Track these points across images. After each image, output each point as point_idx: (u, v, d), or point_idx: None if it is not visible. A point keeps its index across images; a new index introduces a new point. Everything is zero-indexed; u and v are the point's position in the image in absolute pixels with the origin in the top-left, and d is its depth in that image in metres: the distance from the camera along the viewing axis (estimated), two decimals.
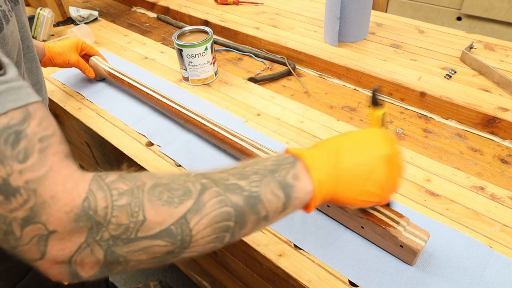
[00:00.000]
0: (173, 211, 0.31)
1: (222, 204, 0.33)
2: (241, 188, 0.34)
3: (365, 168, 0.40)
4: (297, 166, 0.38)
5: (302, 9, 1.22)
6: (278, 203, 0.36)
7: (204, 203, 0.33)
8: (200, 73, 0.91)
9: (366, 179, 0.41)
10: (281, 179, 0.37)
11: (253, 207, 0.35)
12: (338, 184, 0.40)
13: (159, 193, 0.32)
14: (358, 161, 0.40)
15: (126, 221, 0.30)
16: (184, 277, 1.50)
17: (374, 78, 0.87)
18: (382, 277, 0.52)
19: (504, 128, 0.73)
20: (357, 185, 0.40)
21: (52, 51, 0.86)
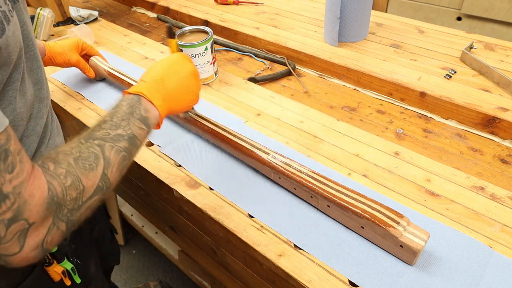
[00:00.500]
0: (96, 173, 0.43)
1: (118, 152, 0.46)
2: (121, 135, 0.47)
3: (183, 85, 0.58)
4: (142, 102, 0.52)
5: (302, 9, 1.22)
6: (144, 132, 0.50)
7: (109, 158, 0.44)
8: (200, 73, 0.91)
9: (186, 92, 0.59)
10: (139, 116, 0.50)
11: (134, 143, 0.48)
12: (170, 101, 0.56)
13: (82, 164, 0.42)
14: (178, 82, 0.57)
15: (74, 194, 0.40)
16: (184, 277, 1.50)
17: (374, 78, 0.87)
18: (382, 277, 0.52)
19: (504, 128, 0.73)
20: (182, 98, 0.59)
21: (53, 51, 0.86)
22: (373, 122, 0.80)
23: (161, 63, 0.59)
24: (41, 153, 0.57)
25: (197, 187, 0.68)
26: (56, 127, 0.64)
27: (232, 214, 0.62)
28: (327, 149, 0.73)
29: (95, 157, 0.43)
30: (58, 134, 0.64)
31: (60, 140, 0.65)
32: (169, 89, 0.56)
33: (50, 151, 0.43)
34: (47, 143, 0.58)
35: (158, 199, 0.82)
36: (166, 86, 0.55)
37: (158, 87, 0.54)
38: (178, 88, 0.57)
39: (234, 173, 0.69)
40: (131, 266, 1.59)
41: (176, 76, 0.57)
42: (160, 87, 0.55)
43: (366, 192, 0.62)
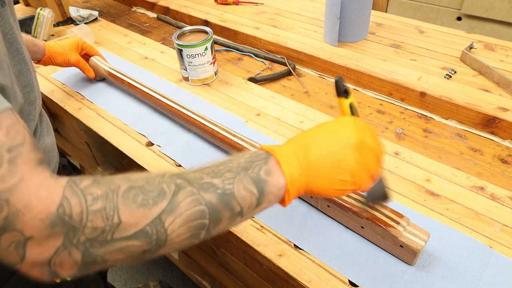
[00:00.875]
0: (147, 213, 0.32)
1: (196, 203, 0.34)
2: (214, 186, 0.35)
3: (334, 157, 0.40)
4: (269, 162, 0.39)
5: (302, 9, 1.22)
6: (252, 198, 0.37)
7: (178, 203, 0.33)
8: (200, 73, 0.91)
9: (336, 168, 0.40)
10: (254, 175, 0.37)
11: (227, 204, 0.36)
12: (309, 176, 0.40)
13: (133, 195, 0.33)
14: (326, 151, 0.41)
15: (101, 224, 0.31)
16: (184, 277, 1.50)
17: (374, 78, 0.87)
18: (382, 277, 0.52)
19: (504, 128, 0.73)
20: (327, 175, 0.40)
21: (52, 51, 0.86)
22: (373, 122, 0.80)
23: (320, 125, 0.44)
24: None
25: None
26: (46, 126, 0.63)
27: None
28: None
29: (159, 194, 0.33)
30: (48, 133, 0.63)
31: (50, 139, 0.63)
32: (312, 158, 0.40)
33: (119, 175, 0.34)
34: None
35: None
36: (309, 152, 0.41)
37: (297, 151, 0.41)
38: (324, 158, 0.40)
39: None
40: (131, 266, 1.59)
41: (328, 142, 0.41)
42: (301, 151, 0.41)
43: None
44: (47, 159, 0.50)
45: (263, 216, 0.61)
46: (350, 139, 0.41)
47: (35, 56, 0.85)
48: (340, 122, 0.44)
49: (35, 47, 0.83)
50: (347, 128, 0.42)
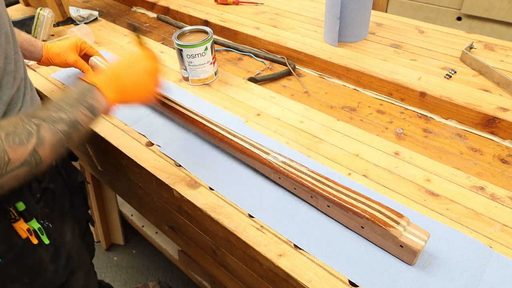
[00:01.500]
0: (25, 148, 0.47)
1: (55, 133, 0.50)
2: (62, 119, 0.51)
3: (139, 81, 0.63)
4: (94, 92, 0.56)
5: (302, 9, 1.22)
6: (89, 119, 0.55)
7: (43, 137, 0.49)
8: (200, 73, 0.91)
9: (141, 89, 0.63)
10: (87, 104, 0.54)
11: (75, 128, 0.53)
12: (122, 95, 0.60)
13: (12, 139, 0.46)
14: (133, 78, 0.62)
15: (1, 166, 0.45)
16: (184, 277, 1.50)
17: (374, 78, 0.87)
18: (382, 277, 0.52)
19: (504, 128, 0.73)
20: (137, 93, 0.63)
21: (50, 52, 0.87)
22: (373, 122, 0.80)
23: (121, 60, 0.64)
24: None
25: (197, 187, 0.68)
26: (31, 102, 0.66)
27: (232, 214, 0.62)
28: (327, 149, 0.73)
29: (28, 134, 0.47)
30: (32, 105, 0.67)
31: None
32: (123, 84, 0.60)
33: None
34: (16, 113, 0.62)
35: (158, 199, 0.82)
36: (120, 81, 0.60)
37: (112, 81, 0.59)
38: (132, 83, 0.62)
39: (234, 173, 0.69)
40: (131, 266, 1.59)
41: (133, 73, 0.62)
42: (115, 81, 0.60)
43: (366, 192, 0.62)
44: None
45: (263, 216, 0.61)
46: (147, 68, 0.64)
47: (33, 56, 0.86)
48: (138, 55, 0.65)
49: (32, 47, 0.84)
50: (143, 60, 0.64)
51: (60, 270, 0.75)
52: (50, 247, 0.71)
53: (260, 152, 0.66)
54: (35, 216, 0.67)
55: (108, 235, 1.66)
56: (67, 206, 0.79)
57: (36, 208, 0.67)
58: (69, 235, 0.77)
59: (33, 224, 0.66)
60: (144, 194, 0.89)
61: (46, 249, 0.70)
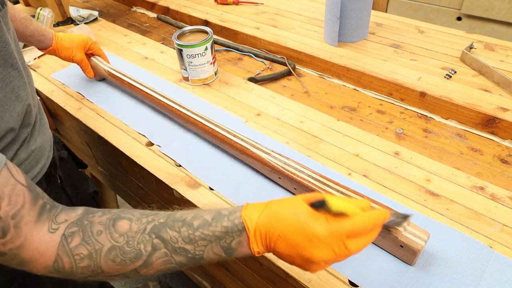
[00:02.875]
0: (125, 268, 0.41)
1: (167, 263, 0.41)
2: (186, 251, 0.41)
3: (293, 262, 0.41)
4: (243, 236, 0.41)
5: (302, 9, 1.22)
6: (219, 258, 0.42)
7: (152, 262, 0.41)
8: (200, 73, 0.91)
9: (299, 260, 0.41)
10: (226, 245, 0.41)
11: (195, 262, 0.42)
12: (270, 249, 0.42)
13: (113, 256, 0.40)
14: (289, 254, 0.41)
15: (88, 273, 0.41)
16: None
17: (374, 78, 0.87)
18: (382, 277, 0.52)
19: (504, 128, 0.73)
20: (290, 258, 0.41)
21: (60, 44, 0.85)
22: (373, 122, 0.80)
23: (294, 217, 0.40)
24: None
25: (197, 187, 0.68)
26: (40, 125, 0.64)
27: None
28: (327, 149, 0.73)
29: (136, 256, 0.40)
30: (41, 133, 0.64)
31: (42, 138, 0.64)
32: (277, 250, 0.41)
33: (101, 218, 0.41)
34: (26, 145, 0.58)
35: (158, 199, 0.82)
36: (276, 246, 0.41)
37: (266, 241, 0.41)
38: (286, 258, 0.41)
39: (234, 173, 0.69)
40: None
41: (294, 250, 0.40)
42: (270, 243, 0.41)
43: (366, 192, 0.62)
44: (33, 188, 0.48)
45: None
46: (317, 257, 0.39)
47: (40, 45, 0.84)
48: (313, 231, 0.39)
49: (42, 37, 0.82)
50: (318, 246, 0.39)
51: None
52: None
53: (260, 152, 0.66)
54: None
55: None
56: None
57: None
58: None
59: None
60: (144, 194, 0.89)
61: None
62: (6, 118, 0.52)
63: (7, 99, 0.52)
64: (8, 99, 0.52)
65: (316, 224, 0.39)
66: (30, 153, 0.59)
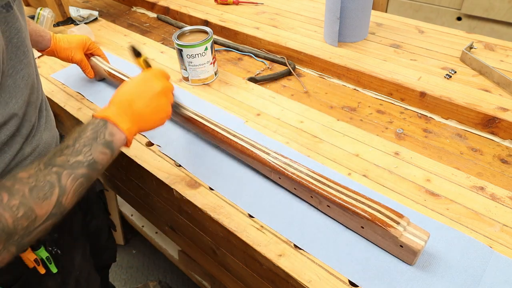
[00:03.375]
0: (50, 202, 0.45)
1: (75, 179, 0.47)
2: (81, 162, 0.48)
3: (152, 106, 0.57)
4: (109, 127, 0.52)
5: (302, 9, 1.22)
6: (107, 156, 0.51)
7: (65, 186, 0.46)
8: (200, 73, 0.91)
9: (155, 113, 0.58)
10: (103, 141, 0.50)
11: (93, 169, 0.49)
12: (139, 122, 0.55)
13: (36, 194, 0.44)
14: (145, 104, 0.56)
15: (26, 223, 0.43)
16: (184, 277, 1.50)
17: (374, 78, 0.87)
18: (382, 277, 0.52)
19: (504, 128, 0.73)
20: (151, 118, 0.57)
21: (58, 45, 0.85)
22: (373, 122, 0.80)
23: (130, 84, 0.58)
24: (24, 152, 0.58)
25: (197, 187, 0.68)
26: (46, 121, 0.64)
27: (232, 214, 0.62)
28: (327, 149, 0.73)
29: (50, 186, 0.45)
30: (47, 129, 0.64)
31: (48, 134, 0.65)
32: (137, 111, 0.55)
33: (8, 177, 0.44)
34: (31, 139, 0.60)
35: (158, 199, 0.82)
36: (133, 108, 0.55)
37: (126, 110, 0.54)
38: (146, 108, 0.56)
39: (234, 173, 0.69)
40: (131, 266, 1.59)
41: (144, 97, 0.56)
42: (128, 110, 0.54)
43: (366, 192, 0.62)
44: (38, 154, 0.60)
45: (263, 216, 0.61)
46: (157, 88, 0.58)
47: (38, 46, 0.84)
48: (145, 77, 0.59)
49: (40, 37, 0.82)
50: (151, 81, 0.58)
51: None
52: (58, 276, 0.69)
53: (260, 152, 0.66)
54: (43, 243, 0.65)
55: None
56: (78, 226, 0.77)
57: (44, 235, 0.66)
58: (78, 259, 0.75)
59: (41, 253, 0.64)
60: (144, 194, 0.89)
61: (53, 278, 0.68)
62: (12, 104, 0.52)
63: (16, 86, 0.53)
64: (17, 86, 0.53)
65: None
66: (35, 148, 0.60)
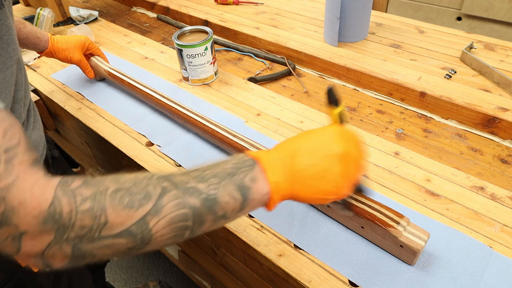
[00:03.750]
0: (132, 214, 0.34)
1: (180, 206, 0.36)
2: (199, 191, 0.37)
3: (319, 169, 0.41)
4: (255, 169, 0.39)
5: (302, 9, 1.22)
6: (236, 203, 0.38)
7: (162, 206, 0.35)
8: (200, 73, 0.91)
9: (320, 179, 0.41)
10: (239, 181, 0.38)
11: (210, 208, 0.37)
12: (294, 184, 0.41)
13: (120, 197, 0.34)
14: (312, 162, 0.41)
15: (89, 223, 0.33)
16: (184, 277, 1.50)
17: (374, 78, 0.87)
18: (382, 277, 0.52)
19: (504, 128, 0.73)
20: (312, 184, 0.41)
21: (56, 46, 0.85)
22: (373, 122, 0.80)
23: (307, 133, 0.45)
24: None
25: None
26: (34, 121, 0.64)
27: None
28: None
29: (145, 197, 0.35)
30: (35, 128, 0.65)
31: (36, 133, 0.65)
32: (298, 166, 0.41)
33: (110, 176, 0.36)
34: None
35: None
36: (295, 161, 0.41)
37: (284, 160, 0.41)
38: (309, 168, 0.41)
39: None
40: (131, 266, 1.59)
41: (314, 153, 0.42)
42: (287, 160, 0.41)
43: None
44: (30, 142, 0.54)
45: (263, 216, 0.61)
46: (335, 150, 0.42)
47: (36, 48, 0.84)
48: (326, 131, 0.44)
49: (37, 39, 0.83)
50: (333, 138, 0.43)
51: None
52: (51, 274, 0.68)
53: None
54: None
55: None
56: None
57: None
58: None
59: None
60: None
61: (46, 276, 0.68)
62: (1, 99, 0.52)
63: (6, 81, 0.52)
64: (6, 82, 0.53)
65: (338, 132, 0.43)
66: None
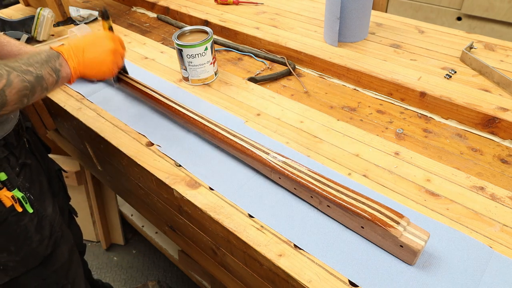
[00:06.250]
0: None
1: (22, 81, 0.57)
2: (31, 72, 0.59)
3: (99, 59, 0.71)
4: (60, 58, 0.65)
5: (302, 9, 1.22)
6: (53, 80, 0.63)
7: (12, 81, 0.56)
8: (200, 73, 0.91)
9: (100, 64, 0.71)
10: (52, 66, 0.63)
11: (39, 82, 0.60)
12: (85, 68, 0.69)
13: None
14: (95, 55, 0.70)
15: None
16: (184, 277, 1.50)
17: (374, 78, 0.87)
18: (382, 277, 0.52)
19: (504, 128, 0.73)
20: (95, 68, 0.71)
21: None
22: (373, 122, 0.80)
23: (88, 36, 0.73)
24: None
25: (197, 187, 0.68)
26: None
27: (232, 214, 0.62)
28: (327, 149, 0.73)
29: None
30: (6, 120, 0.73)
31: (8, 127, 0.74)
32: (86, 58, 0.68)
33: None
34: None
35: (158, 199, 0.82)
36: (84, 55, 0.68)
37: (77, 54, 0.67)
38: (94, 59, 0.70)
39: (234, 173, 0.69)
40: (131, 266, 1.59)
41: (96, 49, 0.70)
42: (79, 54, 0.68)
43: (366, 192, 0.62)
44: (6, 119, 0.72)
45: (263, 216, 0.61)
46: (109, 47, 0.72)
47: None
48: (103, 35, 0.73)
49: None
50: (106, 40, 0.73)
51: (45, 241, 0.78)
52: (34, 216, 0.75)
53: (260, 152, 0.66)
54: (16, 186, 0.71)
55: (108, 235, 1.66)
56: (45, 185, 0.82)
57: (17, 180, 0.72)
58: (50, 210, 0.80)
59: (16, 193, 0.71)
60: (144, 194, 0.89)
61: (30, 218, 0.74)
62: None
63: None
64: None
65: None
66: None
